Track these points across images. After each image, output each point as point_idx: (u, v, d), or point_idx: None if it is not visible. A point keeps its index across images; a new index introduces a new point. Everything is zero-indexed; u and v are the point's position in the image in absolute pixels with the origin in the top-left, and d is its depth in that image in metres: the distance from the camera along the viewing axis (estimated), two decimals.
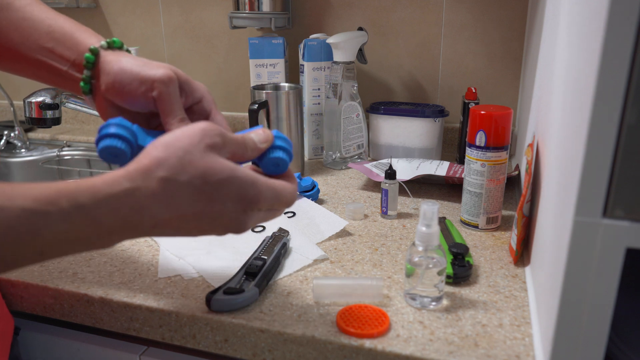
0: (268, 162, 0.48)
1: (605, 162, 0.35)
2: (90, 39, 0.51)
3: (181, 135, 0.41)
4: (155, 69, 0.47)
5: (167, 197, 0.40)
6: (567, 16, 0.51)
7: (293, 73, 1.19)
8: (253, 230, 0.71)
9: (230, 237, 0.69)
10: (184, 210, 0.41)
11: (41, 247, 0.37)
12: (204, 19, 1.25)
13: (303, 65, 1.06)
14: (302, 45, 1.05)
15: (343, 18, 1.16)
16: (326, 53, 1.05)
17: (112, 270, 0.62)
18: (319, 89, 1.07)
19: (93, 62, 0.49)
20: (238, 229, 0.44)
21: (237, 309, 0.54)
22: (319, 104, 1.08)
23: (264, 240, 0.65)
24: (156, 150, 0.40)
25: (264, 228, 0.72)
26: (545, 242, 0.50)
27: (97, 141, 0.46)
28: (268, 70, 1.06)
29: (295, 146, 0.96)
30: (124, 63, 0.48)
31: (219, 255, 0.64)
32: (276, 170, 0.49)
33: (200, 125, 0.42)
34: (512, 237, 0.66)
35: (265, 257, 0.60)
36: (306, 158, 1.10)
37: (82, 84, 0.50)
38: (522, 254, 0.65)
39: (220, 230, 0.44)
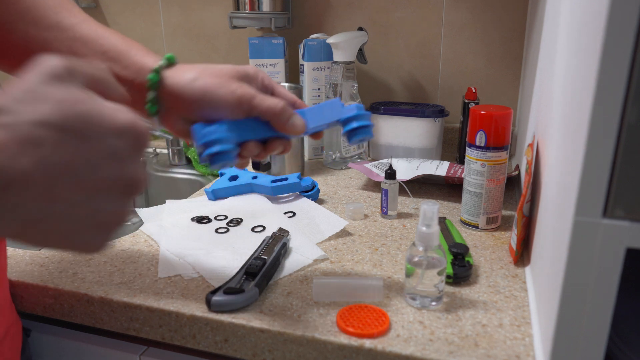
0: (354, 142, 0.52)
1: (605, 162, 0.35)
2: (145, 57, 0.50)
3: (17, 80, 0.32)
4: (231, 86, 0.48)
5: (16, 144, 0.29)
6: (567, 16, 0.51)
7: (293, 73, 1.19)
8: (253, 231, 0.71)
9: (230, 237, 0.69)
10: (47, 154, 0.29)
11: None
12: (204, 19, 1.25)
13: (303, 65, 1.06)
14: (302, 45, 1.05)
15: (343, 18, 1.16)
16: (326, 53, 1.05)
17: (112, 270, 0.62)
18: (319, 89, 1.07)
19: (157, 83, 0.49)
20: (135, 181, 0.33)
21: (237, 309, 0.54)
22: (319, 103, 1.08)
23: (264, 240, 0.65)
24: None
25: (264, 228, 0.72)
26: (545, 242, 0.50)
27: (204, 158, 0.48)
28: (268, 70, 1.06)
29: (295, 146, 0.96)
30: (198, 83, 0.48)
31: (219, 255, 0.64)
32: (362, 142, 0.53)
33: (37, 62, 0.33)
34: (512, 237, 0.66)
35: (265, 257, 0.60)
36: (306, 158, 1.10)
37: (148, 106, 0.49)
38: (522, 254, 0.65)
39: (117, 193, 0.32)
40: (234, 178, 0.86)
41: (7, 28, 0.49)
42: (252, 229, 0.72)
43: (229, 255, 0.64)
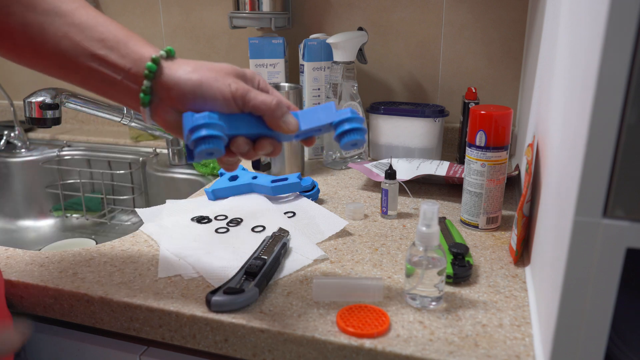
0: (346, 145, 0.51)
1: (605, 162, 0.35)
2: (145, 48, 0.49)
3: None
4: (227, 80, 0.48)
5: None
6: (567, 16, 0.51)
7: (293, 73, 1.19)
8: (253, 231, 0.71)
9: (230, 237, 0.69)
10: None
11: None
12: (204, 19, 1.26)
13: (303, 65, 1.06)
14: (302, 45, 1.05)
15: (343, 18, 1.16)
16: (326, 53, 1.05)
17: (112, 270, 0.62)
18: (319, 89, 1.07)
19: (155, 72, 0.48)
20: None
21: (237, 309, 0.54)
22: (319, 103, 1.08)
23: (264, 240, 0.65)
24: None
25: (264, 228, 0.72)
26: (545, 242, 0.50)
27: (191, 144, 0.47)
28: (268, 70, 1.06)
29: (295, 146, 0.96)
30: (195, 75, 0.48)
31: (219, 255, 0.64)
32: (354, 148, 0.51)
33: None
34: (512, 237, 0.66)
35: (265, 257, 0.60)
36: (306, 158, 1.10)
37: (142, 95, 0.49)
38: (522, 254, 0.65)
39: None
40: (234, 178, 0.86)
41: (4, 11, 0.48)
42: (252, 229, 0.72)
43: (229, 255, 0.64)
